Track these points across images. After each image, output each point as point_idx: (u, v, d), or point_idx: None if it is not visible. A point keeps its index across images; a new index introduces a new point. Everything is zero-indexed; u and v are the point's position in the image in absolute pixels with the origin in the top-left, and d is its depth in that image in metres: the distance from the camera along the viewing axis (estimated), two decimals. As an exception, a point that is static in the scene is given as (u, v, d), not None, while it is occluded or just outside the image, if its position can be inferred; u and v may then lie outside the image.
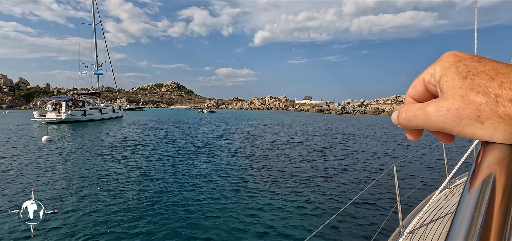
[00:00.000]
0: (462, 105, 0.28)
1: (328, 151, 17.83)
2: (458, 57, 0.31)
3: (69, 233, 6.12)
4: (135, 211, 7.26)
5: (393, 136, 27.83)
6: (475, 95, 0.27)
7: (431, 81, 0.33)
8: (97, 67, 51.42)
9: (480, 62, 0.29)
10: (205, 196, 8.53)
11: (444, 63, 0.31)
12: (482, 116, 0.27)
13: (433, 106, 0.31)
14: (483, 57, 0.31)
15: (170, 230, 6.33)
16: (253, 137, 25.25)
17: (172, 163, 13.18)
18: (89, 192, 8.80)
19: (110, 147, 18.11)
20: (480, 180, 0.27)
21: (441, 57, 0.33)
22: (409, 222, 4.55)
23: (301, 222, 6.95)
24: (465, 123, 0.28)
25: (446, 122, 0.29)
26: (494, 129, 0.27)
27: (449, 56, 0.32)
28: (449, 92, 0.30)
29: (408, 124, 0.34)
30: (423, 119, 0.31)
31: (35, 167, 12.09)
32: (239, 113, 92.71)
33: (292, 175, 11.37)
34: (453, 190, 5.69)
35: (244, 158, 14.83)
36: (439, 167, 13.01)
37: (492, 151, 0.28)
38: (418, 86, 0.35)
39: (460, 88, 0.29)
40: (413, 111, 0.33)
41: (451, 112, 0.29)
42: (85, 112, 40.98)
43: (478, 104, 0.27)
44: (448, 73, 0.30)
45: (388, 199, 8.59)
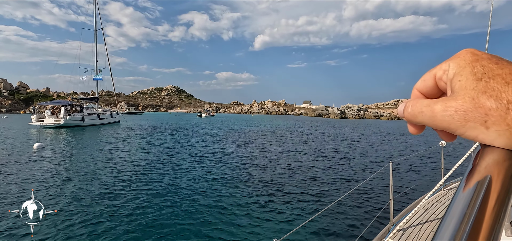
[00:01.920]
0: (471, 107, 0.27)
1: (324, 151, 17.81)
2: (476, 56, 0.30)
3: (68, 233, 6.09)
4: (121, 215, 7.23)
5: (392, 136, 27.83)
6: (487, 99, 0.27)
7: (442, 78, 0.32)
8: (97, 73, 51.47)
9: (497, 64, 0.28)
10: (196, 200, 8.50)
11: (460, 61, 0.30)
12: (489, 122, 0.26)
13: (441, 105, 0.30)
14: (502, 58, 0.29)
15: (165, 231, 6.31)
16: (248, 141, 25.24)
17: (162, 169, 13.15)
18: (83, 196, 8.77)
19: (106, 152, 18.09)
20: (476, 179, 0.27)
21: (458, 54, 0.32)
22: (400, 220, 4.59)
23: (290, 216, 7.02)
24: (470, 125, 0.28)
25: (451, 122, 0.29)
26: (498, 135, 0.26)
27: (467, 54, 0.31)
28: (460, 93, 0.29)
29: (413, 119, 0.33)
30: (428, 117, 0.31)
31: (30, 171, 12.06)
32: (237, 118, 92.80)
33: (284, 172, 11.33)
34: (446, 193, 5.69)
35: (238, 160, 14.83)
36: (435, 169, 13.01)
37: (491, 153, 0.27)
38: (428, 81, 0.34)
39: (472, 90, 0.28)
40: (420, 107, 0.32)
41: (458, 114, 0.28)
42: (83, 117, 40.97)
43: (488, 109, 0.26)
44: (463, 72, 0.29)
45: (382, 197, 8.64)
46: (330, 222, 6.69)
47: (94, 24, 51.31)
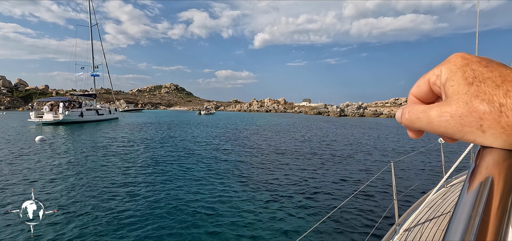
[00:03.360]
0: (465, 112, 0.28)
1: (324, 150, 17.69)
2: (466, 60, 0.30)
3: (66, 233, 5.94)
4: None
5: (391, 135, 27.71)
6: (480, 103, 0.27)
7: (436, 83, 0.32)
8: (93, 69, 51.55)
9: (487, 67, 0.29)
10: (189, 197, 8.35)
11: (451, 66, 0.31)
12: (484, 126, 0.27)
13: (436, 110, 0.30)
14: (491, 60, 0.30)
15: (164, 229, 6.17)
16: (247, 136, 25.10)
17: (159, 165, 13.01)
18: (82, 193, 8.60)
19: (105, 147, 17.96)
20: (479, 181, 0.27)
21: (449, 58, 0.32)
22: (405, 220, 4.47)
23: (296, 221, 6.81)
24: (466, 130, 0.28)
25: (448, 127, 0.29)
26: (495, 138, 0.27)
27: (457, 59, 0.31)
28: (453, 98, 0.29)
29: (410, 125, 0.34)
30: (425, 123, 0.31)
31: (29, 166, 11.90)
32: (237, 115, 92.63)
33: (287, 173, 11.19)
34: (449, 190, 5.58)
35: (237, 157, 14.68)
36: (436, 166, 12.90)
37: (491, 154, 0.28)
38: (423, 86, 0.34)
39: (465, 94, 0.28)
40: (416, 113, 0.32)
41: (454, 119, 0.29)
42: (82, 113, 40.82)
43: (482, 113, 0.27)
44: (454, 77, 0.30)
45: (385, 197, 8.49)
46: (335, 228, 6.41)
47: (89, 20, 51.38)
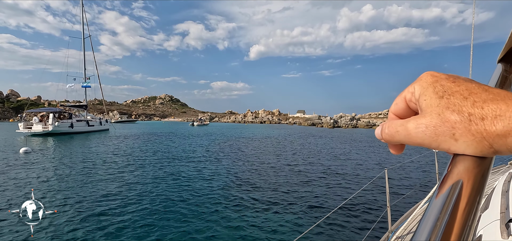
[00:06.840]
0: (439, 123, 0.30)
1: (319, 158, 17.44)
2: (435, 77, 0.33)
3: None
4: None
5: (384, 145, 27.68)
6: (451, 113, 0.29)
7: (411, 99, 0.34)
8: (85, 80, 51.46)
9: (454, 82, 0.31)
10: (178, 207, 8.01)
11: (422, 83, 0.33)
12: (456, 134, 0.29)
13: (413, 122, 0.32)
14: (458, 77, 0.33)
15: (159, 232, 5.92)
16: (242, 143, 24.80)
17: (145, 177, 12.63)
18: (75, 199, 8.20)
19: (94, 157, 17.50)
20: (449, 185, 0.28)
21: (420, 77, 0.34)
22: (398, 227, 4.30)
23: (287, 227, 6.65)
24: (441, 139, 0.30)
25: (425, 138, 0.31)
26: (467, 146, 0.29)
27: (427, 77, 0.34)
28: (427, 110, 0.31)
29: (390, 139, 0.35)
30: (404, 135, 0.33)
31: (10, 177, 11.40)
32: (230, 127, 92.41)
33: (280, 182, 10.92)
34: None
35: (231, 164, 14.35)
36: (430, 174, 12.82)
37: (462, 161, 0.29)
38: (400, 103, 0.36)
39: (437, 106, 0.30)
40: (395, 127, 0.34)
41: (429, 129, 0.30)
42: (72, 124, 40.13)
43: (453, 122, 0.29)
44: (426, 92, 0.32)
45: (379, 204, 8.34)
46: (328, 234, 6.30)
47: (82, 32, 51.62)
